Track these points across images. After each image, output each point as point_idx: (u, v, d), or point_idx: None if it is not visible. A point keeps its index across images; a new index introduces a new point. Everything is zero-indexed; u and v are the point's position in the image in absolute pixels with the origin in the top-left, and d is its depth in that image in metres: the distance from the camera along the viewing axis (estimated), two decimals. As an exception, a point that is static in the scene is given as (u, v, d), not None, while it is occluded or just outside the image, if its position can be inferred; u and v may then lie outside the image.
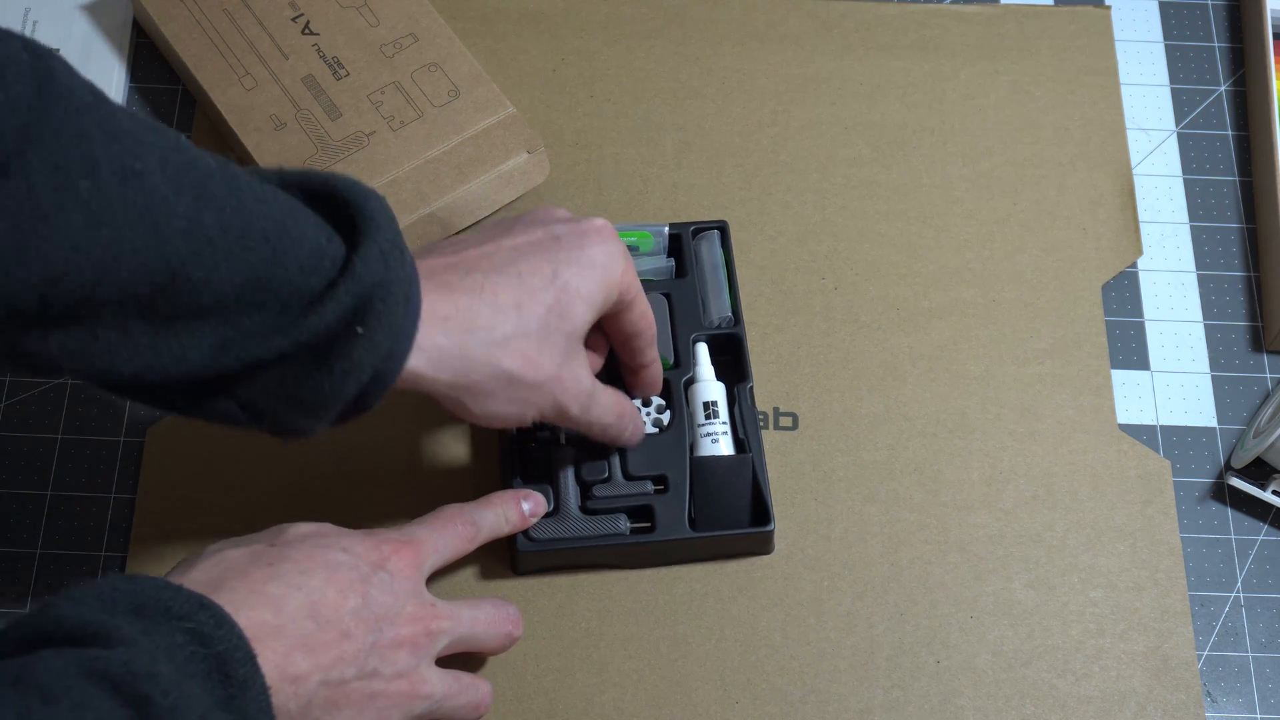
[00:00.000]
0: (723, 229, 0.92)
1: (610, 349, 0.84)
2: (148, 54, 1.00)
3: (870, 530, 0.87)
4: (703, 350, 0.88)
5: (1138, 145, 1.00)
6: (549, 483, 0.84)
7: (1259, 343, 0.94)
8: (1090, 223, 0.96)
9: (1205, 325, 0.95)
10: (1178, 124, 1.01)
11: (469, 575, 0.85)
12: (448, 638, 0.74)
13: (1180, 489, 0.90)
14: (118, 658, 0.58)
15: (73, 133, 0.61)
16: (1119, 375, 0.93)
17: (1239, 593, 0.87)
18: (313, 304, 0.66)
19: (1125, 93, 1.01)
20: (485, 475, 0.87)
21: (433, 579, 0.80)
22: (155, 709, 0.57)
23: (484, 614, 0.77)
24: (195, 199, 0.64)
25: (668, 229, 0.91)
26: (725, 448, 0.85)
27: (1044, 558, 0.87)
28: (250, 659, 0.63)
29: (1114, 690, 0.84)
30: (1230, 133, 1.01)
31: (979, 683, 0.84)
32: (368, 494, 0.87)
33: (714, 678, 0.83)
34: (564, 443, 0.85)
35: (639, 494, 0.84)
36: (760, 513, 0.85)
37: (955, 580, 0.86)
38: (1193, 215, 0.98)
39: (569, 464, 0.84)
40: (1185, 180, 0.99)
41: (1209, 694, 0.85)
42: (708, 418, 0.86)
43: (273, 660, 0.65)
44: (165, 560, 0.84)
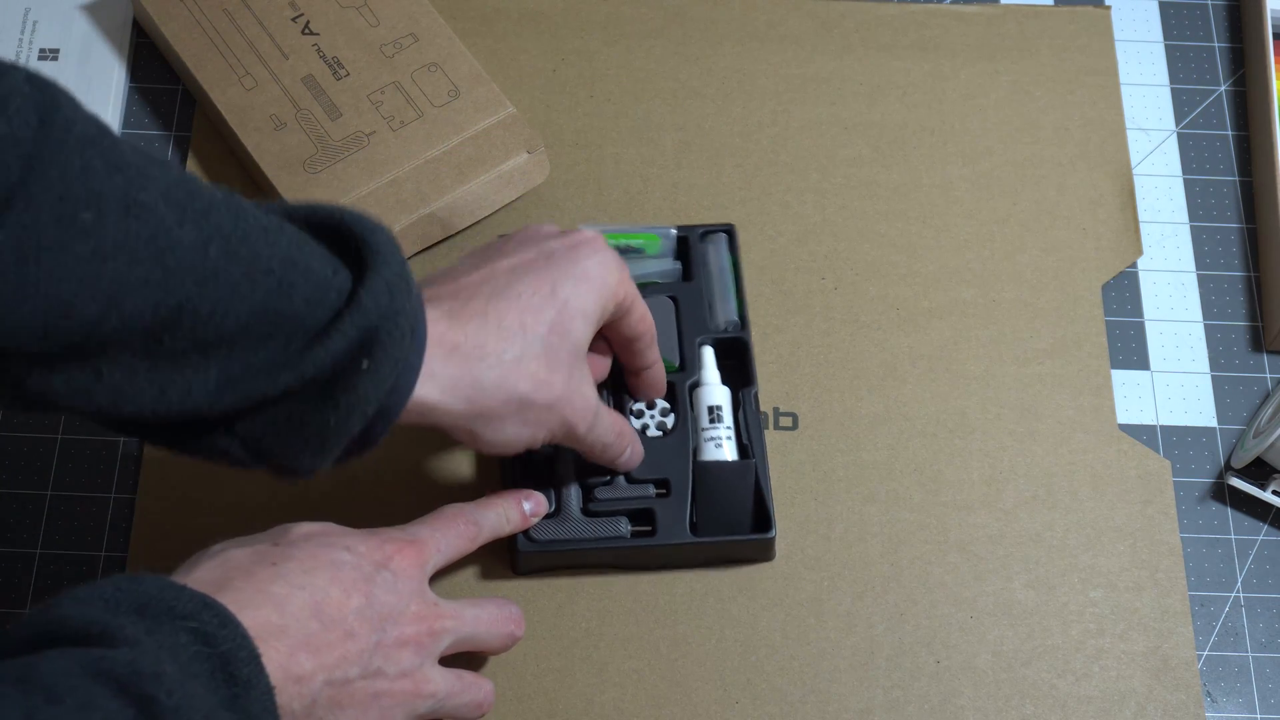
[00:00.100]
0: (730, 232, 0.91)
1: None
2: (148, 54, 1.00)
3: (870, 530, 0.87)
4: (708, 354, 0.87)
5: (1138, 145, 1.00)
6: (551, 483, 0.84)
7: (1259, 343, 0.94)
8: (1090, 223, 0.96)
9: (1205, 325, 0.95)
10: (1178, 124, 1.01)
11: (469, 575, 0.85)
12: (451, 637, 0.74)
13: (1180, 489, 0.90)
14: (122, 657, 0.58)
15: (76, 165, 0.60)
16: (1119, 375, 0.93)
17: (1239, 593, 0.87)
18: (318, 337, 0.66)
19: (1125, 93, 1.01)
20: (486, 475, 0.87)
21: (433, 579, 0.80)
22: (160, 709, 0.57)
23: (487, 614, 0.77)
24: (200, 231, 0.63)
25: (675, 231, 0.90)
26: (729, 452, 0.85)
27: (1044, 558, 0.87)
28: (254, 659, 0.63)
29: (1114, 690, 0.84)
30: (1230, 133, 1.01)
31: (979, 683, 0.84)
32: (368, 494, 0.86)
33: (714, 678, 0.83)
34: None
35: (641, 497, 0.84)
36: (762, 519, 0.84)
37: (955, 580, 0.86)
38: (1193, 215, 0.98)
39: (571, 464, 0.84)
40: (1185, 180, 0.99)
41: (1209, 694, 0.85)
42: (712, 422, 0.85)
43: (277, 660, 0.65)
44: (165, 560, 0.84)
